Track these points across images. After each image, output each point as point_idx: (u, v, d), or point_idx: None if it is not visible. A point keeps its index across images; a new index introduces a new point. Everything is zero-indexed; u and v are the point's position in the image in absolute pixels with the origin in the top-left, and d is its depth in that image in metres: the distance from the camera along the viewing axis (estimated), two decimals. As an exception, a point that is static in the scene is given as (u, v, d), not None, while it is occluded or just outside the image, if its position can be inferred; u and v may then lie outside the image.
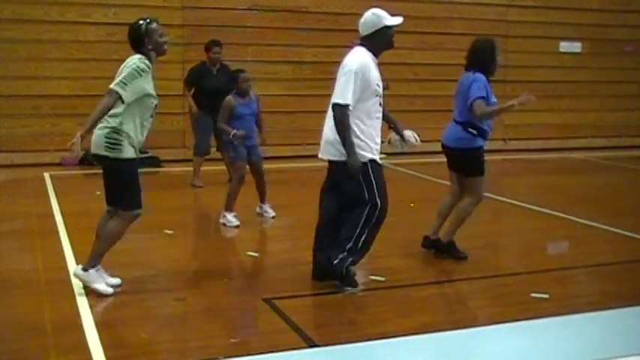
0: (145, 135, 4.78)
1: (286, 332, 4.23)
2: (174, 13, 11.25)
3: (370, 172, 4.92)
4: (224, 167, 9.00)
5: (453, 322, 4.57)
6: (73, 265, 5.43)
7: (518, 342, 4.26)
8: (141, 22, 4.80)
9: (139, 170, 4.83)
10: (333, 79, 5.01)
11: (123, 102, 4.52)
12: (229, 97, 6.94)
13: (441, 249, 5.82)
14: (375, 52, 5.03)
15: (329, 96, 5.01)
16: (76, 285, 4.91)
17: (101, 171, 4.83)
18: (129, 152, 4.64)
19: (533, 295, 4.95)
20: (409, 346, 4.11)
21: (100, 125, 4.60)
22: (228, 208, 6.91)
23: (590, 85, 14.04)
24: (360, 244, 4.94)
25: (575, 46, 14.02)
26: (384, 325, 4.44)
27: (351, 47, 5.17)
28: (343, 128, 4.83)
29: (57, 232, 6.51)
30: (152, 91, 4.69)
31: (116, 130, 4.59)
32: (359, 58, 4.92)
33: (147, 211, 4.89)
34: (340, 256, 4.91)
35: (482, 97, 5.53)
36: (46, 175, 9.63)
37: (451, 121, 5.83)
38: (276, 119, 12.03)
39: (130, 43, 4.82)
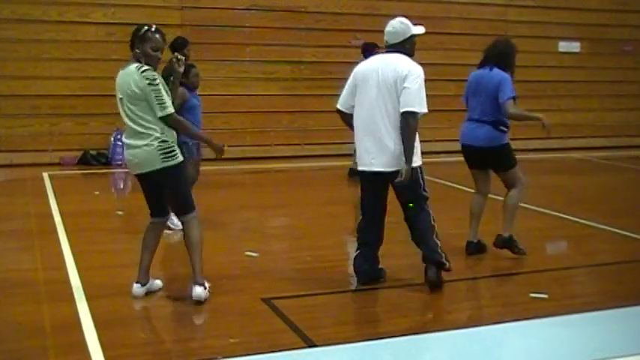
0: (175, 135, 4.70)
1: (285, 332, 4.23)
2: (173, 13, 11.25)
3: (419, 174, 5.01)
4: (217, 167, 8.96)
5: (453, 322, 4.57)
6: (71, 265, 5.44)
7: (518, 342, 4.26)
8: (146, 26, 4.66)
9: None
10: (332, 79, 5.02)
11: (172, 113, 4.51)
12: (182, 89, 6.87)
13: (494, 246, 5.87)
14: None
15: (328, 96, 5.03)
16: (75, 285, 4.91)
17: (100, 171, 4.82)
18: (180, 155, 4.60)
19: (532, 295, 4.95)
20: (409, 346, 4.11)
21: (139, 143, 4.50)
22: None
23: (589, 85, 14.05)
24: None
25: (574, 46, 14.02)
26: (383, 325, 4.44)
27: (350, 47, 5.17)
28: (413, 137, 4.88)
29: (56, 232, 6.50)
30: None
31: (163, 140, 4.51)
32: (416, 64, 4.96)
33: (145, 211, 4.89)
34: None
35: (514, 98, 5.59)
36: (45, 175, 9.63)
37: (471, 122, 5.80)
38: (276, 119, 12.05)
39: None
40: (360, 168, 5.12)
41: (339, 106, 5.18)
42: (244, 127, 11.79)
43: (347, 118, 5.19)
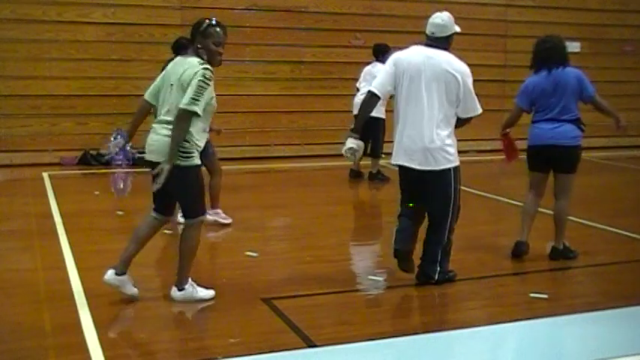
0: (204, 141, 4.59)
1: (285, 332, 4.23)
2: (173, 13, 11.24)
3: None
4: (228, 167, 8.96)
5: (453, 322, 4.57)
6: (71, 265, 5.44)
7: (518, 342, 4.26)
8: (207, 20, 4.65)
9: (139, 170, 4.82)
10: (332, 79, 5.00)
11: (199, 116, 4.41)
12: None
13: (550, 259, 5.84)
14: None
15: (328, 96, 5.02)
16: (75, 285, 4.91)
17: (100, 171, 4.81)
18: (197, 159, 4.51)
19: (532, 295, 4.95)
20: (409, 346, 4.11)
21: (164, 132, 4.45)
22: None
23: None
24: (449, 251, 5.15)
25: (575, 46, 13.99)
26: (383, 325, 4.44)
27: (350, 47, 5.18)
28: None
29: (56, 232, 6.50)
30: (214, 95, 4.56)
31: (185, 140, 4.41)
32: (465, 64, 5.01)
33: (145, 211, 4.88)
34: (438, 270, 5.06)
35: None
36: (45, 175, 9.62)
37: (550, 121, 5.73)
38: (276, 119, 12.04)
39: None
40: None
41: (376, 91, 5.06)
42: (244, 127, 11.79)
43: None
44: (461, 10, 13.02)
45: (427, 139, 4.87)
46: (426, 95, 4.86)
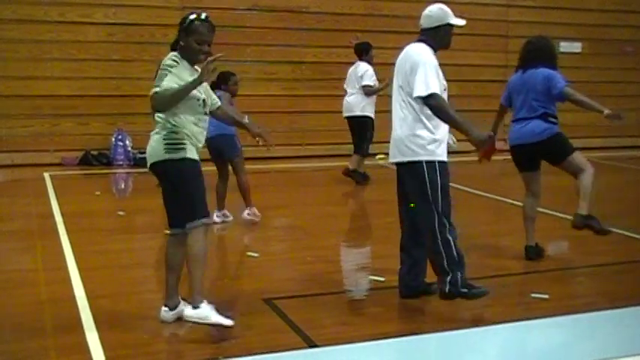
0: (201, 136, 4.27)
1: (286, 332, 4.23)
2: (174, 13, 11.22)
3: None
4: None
5: (453, 322, 4.57)
6: (72, 265, 5.44)
7: (518, 342, 4.26)
8: (192, 15, 4.19)
9: (138, 170, 4.80)
10: (333, 80, 4.99)
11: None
12: (227, 94, 7.00)
13: (573, 227, 5.81)
14: (435, 48, 4.71)
15: (329, 96, 5.02)
16: (76, 285, 4.91)
17: (101, 171, 4.81)
18: (189, 153, 4.13)
19: (533, 295, 4.95)
20: (409, 346, 4.11)
21: (153, 133, 4.17)
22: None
23: (590, 85, 14.00)
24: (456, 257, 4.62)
25: (575, 46, 14.02)
26: (383, 325, 4.44)
27: (350, 47, 5.12)
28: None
29: (57, 233, 6.50)
30: (200, 91, 4.18)
31: (174, 131, 4.09)
32: (428, 54, 4.59)
33: (146, 211, 4.89)
34: (448, 280, 4.57)
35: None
36: (46, 175, 9.63)
37: (519, 121, 5.77)
38: (276, 119, 12.04)
39: None
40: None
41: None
42: (245, 128, 11.78)
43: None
44: (461, 10, 12.91)
45: (396, 129, 4.64)
46: (396, 88, 4.71)
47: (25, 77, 10.70)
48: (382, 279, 5.26)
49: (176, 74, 4.06)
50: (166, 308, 4.31)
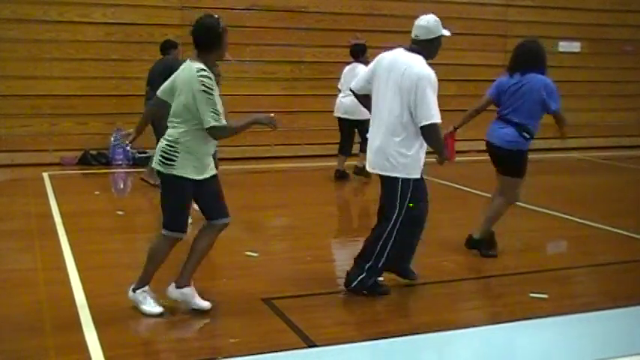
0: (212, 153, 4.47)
1: (286, 332, 4.23)
2: (173, 13, 11.24)
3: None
4: (229, 167, 8.98)
5: (453, 322, 4.57)
6: (71, 265, 5.44)
7: (518, 342, 4.27)
8: (217, 18, 4.40)
9: (137, 170, 4.81)
10: (332, 80, 5.00)
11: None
12: None
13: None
14: (429, 58, 4.87)
15: (328, 96, 5.02)
16: (75, 285, 4.91)
17: (100, 171, 4.82)
18: (180, 170, 4.28)
19: (532, 295, 4.95)
20: (409, 346, 4.11)
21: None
22: None
23: (590, 84, 14.04)
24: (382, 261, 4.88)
25: (574, 46, 14.01)
26: (383, 324, 4.45)
27: (349, 47, 5.13)
28: None
29: (56, 232, 6.50)
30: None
31: (171, 145, 4.28)
32: (431, 72, 4.78)
33: (146, 211, 4.89)
34: (365, 268, 4.89)
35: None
36: (45, 175, 9.62)
37: (500, 121, 5.79)
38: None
39: (197, 42, 4.48)
40: None
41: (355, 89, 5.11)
42: (244, 127, 11.78)
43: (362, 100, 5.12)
44: (461, 10, 13.05)
45: (379, 141, 4.77)
46: (387, 97, 4.76)
47: (24, 77, 10.67)
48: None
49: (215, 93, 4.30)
50: (172, 285, 4.54)
